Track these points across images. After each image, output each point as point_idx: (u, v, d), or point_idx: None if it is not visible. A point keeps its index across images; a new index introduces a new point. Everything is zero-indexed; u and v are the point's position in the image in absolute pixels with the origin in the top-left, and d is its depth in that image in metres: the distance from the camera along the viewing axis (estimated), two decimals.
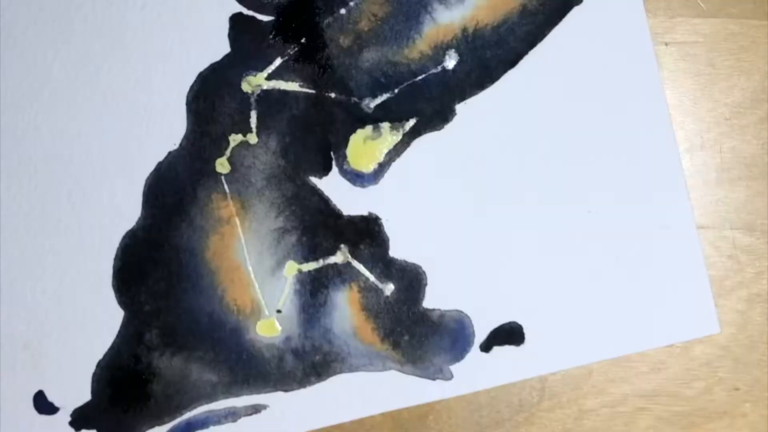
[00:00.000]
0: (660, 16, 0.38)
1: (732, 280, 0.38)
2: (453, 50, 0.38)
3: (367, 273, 0.37)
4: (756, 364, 0.38)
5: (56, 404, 0.37)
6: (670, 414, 0.38)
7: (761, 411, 0.38)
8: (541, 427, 0.38)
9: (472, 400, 0.37)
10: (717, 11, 0.38)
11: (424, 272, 0.37)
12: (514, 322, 0.37)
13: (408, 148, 0.38)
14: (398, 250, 0.37)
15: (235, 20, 0.38)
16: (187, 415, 0.37)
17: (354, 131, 0.38)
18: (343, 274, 0.37)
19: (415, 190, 0.38)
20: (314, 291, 0.37)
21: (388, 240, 0.37)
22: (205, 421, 0.37)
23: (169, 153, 0.37)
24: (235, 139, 0.38)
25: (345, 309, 0.37)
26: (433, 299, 0.37)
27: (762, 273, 0.38)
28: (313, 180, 0.38)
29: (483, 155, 0.38)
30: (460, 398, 0.37)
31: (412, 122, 0.38)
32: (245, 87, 0.38)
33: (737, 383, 0.38)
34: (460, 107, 0.38)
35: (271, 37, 0.38)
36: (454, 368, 0.37)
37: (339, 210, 0.38)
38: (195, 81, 0.37)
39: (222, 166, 0.37)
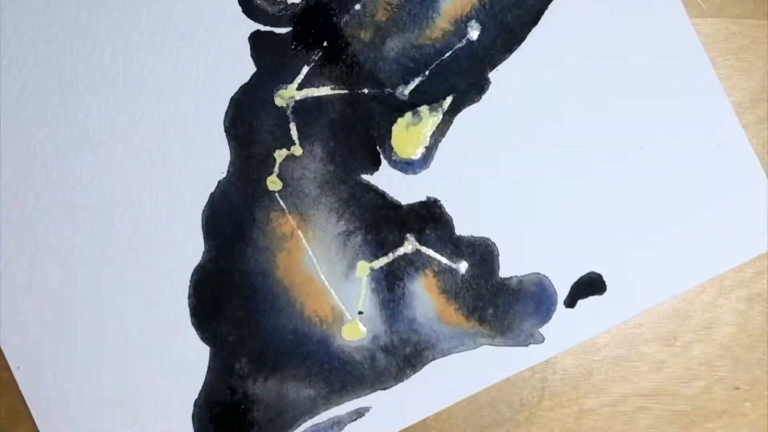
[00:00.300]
0: None
1: (732, 279, 0.38)
2: (474, 21, 0.38)
3: (438, 256, 0.37)
4: (756, 363, 0.38)
5: None
6: (670, 413, 0.38)
7: (761, 410, 0.38)
8: (541, 426, 0.38)
9: (472, 400, 0.37)
10: (717, 11, 0.38)
11: (493, 243, 0.37)
12: (593, 272, 0.37)
13: (451, 126, 0.38)
14: (464, 227, 0.37)
15: (255, 38, 0.38)
16: None
17: (395, 121, 0.38)
18: (415, 262, 0.37)
19: (467, 165, 0.38)
20: (390, 285, 0.37)
21: (452, 219, 0.37)
22: None
23: (219, 182, 0.38)
24: (280, 154, 0.38)
25: (424, 296, 0.37)
26: (508, 267, 0.37)
27: (762, 273, 0.38)
28: (366, 177, 0.38)
29: (526, 116, 0.38)
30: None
31: (449, 100, 0.38)
32: (279, 101, 0.38)
33: (737, 383, 0.38)
34: (493, 75, 0.38)
35: (292, 47, 0.38)
36: (544, 330, 0.37)
37: (397, 201, 0.38)
38: (228, 106, 0.38)
39: (273, 183, 0.38)
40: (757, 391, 0.38)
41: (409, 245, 0.37)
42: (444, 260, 0.37)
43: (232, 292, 0.37)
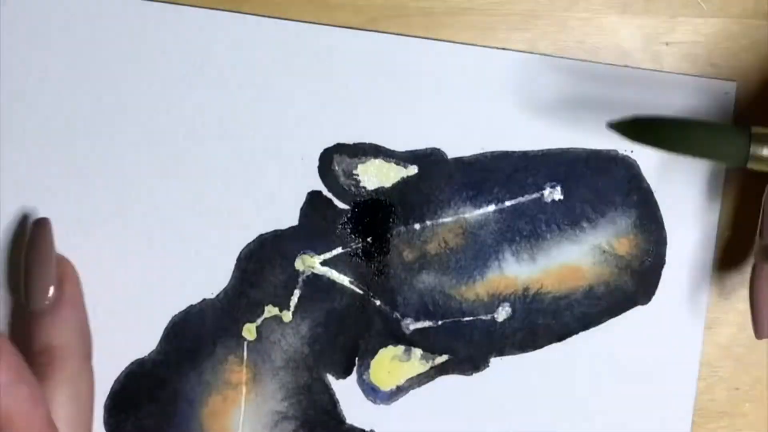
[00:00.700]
0: (661, 15, 0.37)
1: (732, 279, 0.37)
2: (508, 304, 0.37)
3: None
4: (756, 364, 0.38)
5: None
6: None
7: (761, 411, 0.37)
8: None
9: None
10: (717, 11, 0.37)
11: None
12: None
13: (430, 382, 0.37)
14: None
15: (313, 197, 0.37)
16: None
17: (385, 346, 0.37)
18: None
19: (423, 425, 0.37)
20: None
21: None
22: None
23: (204, 300, 0.37)
24: (270, 311, 0.37)
25: None
26: None
27: None
28: (330, 378, 0.37)
29: (502, 414, 0.37)
30: None
31: (443, 358, 0.37)
32: (298, 264, 0.37)
33: (737, 383, 0.38)
34: (495, 360, 0.37)
35: (340, 225, 0.37)
36: None
37: (343, 416, 0.37)
38: (254, 240, 0.37)
39: (249, 332, 0.37)
40: (758, 392, 0.37)
41: None
42: None
43: (154, 400, 0.37)
